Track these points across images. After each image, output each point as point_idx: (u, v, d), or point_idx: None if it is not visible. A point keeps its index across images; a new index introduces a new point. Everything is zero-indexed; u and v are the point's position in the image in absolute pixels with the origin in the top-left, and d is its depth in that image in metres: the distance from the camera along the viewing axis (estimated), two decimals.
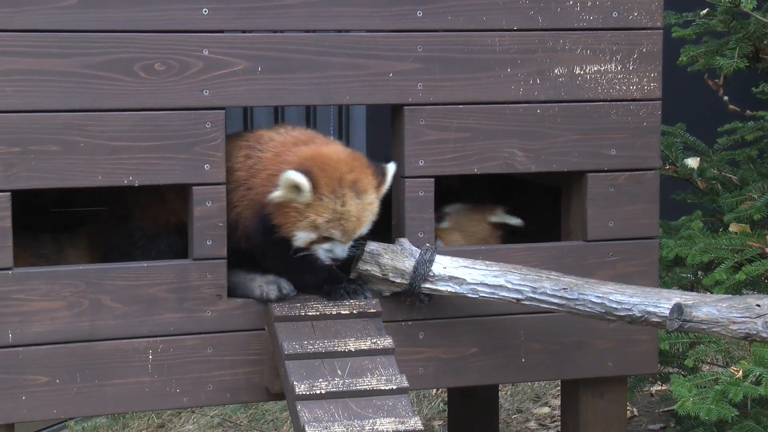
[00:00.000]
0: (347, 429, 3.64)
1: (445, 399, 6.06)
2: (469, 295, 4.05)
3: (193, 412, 6.58)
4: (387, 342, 3.92)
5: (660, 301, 3.84)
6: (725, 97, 5.31)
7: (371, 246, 4.05)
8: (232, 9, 3.92)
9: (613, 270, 4.30)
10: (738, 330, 3.70)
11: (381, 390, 3.78)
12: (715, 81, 5.32)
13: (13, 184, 3.79)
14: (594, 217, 4.30)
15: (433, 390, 6.52)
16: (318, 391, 3.73)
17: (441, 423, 6.14)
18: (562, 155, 4.25)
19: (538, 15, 4.18)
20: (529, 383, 6.52)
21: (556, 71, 4.21)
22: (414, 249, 4.09)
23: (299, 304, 3.99)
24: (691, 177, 5.38)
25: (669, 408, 5.71)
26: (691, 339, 4.62)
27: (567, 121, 4.24)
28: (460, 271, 4.05)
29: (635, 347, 4.37)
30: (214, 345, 4.00)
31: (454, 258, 4.09)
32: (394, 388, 3.79)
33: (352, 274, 4.08)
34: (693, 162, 5.41)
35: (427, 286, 4.07)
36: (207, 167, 3.94)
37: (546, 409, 6.32)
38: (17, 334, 3.83)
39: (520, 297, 4.01)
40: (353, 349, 3.88)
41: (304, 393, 3.72)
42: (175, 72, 3.89)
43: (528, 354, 4.27)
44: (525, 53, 4.18)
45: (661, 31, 4.32)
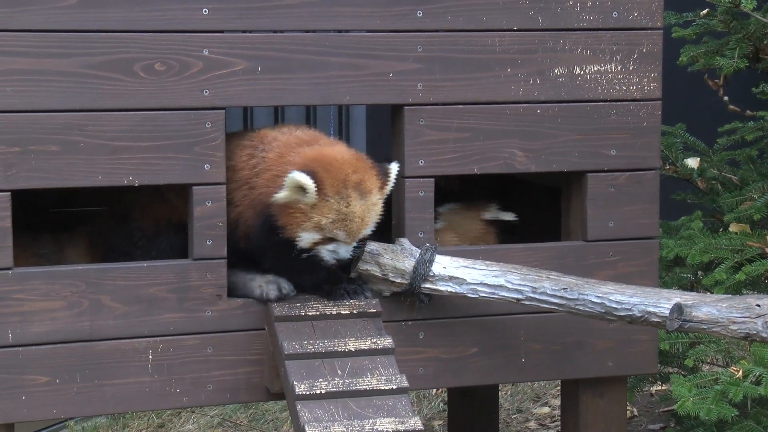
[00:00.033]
0: (347, 429, 3.64)
1: (445, 399, 6.05)
2: (469, 295, 4.05)
3: (193, 412, 6.58)
4: (387, 342, 3.92)
5: (660, 301, 3.84)
6: (725, 97, 5.31)
7: (371, 246, 4.05)
8: (232, 9, 3.92)
9: (613, 270, 4.30)
10: (738, 330, 3.70)
11: (381, 390, 3.78)
12: (715, 81, 5.31)
13: (13, 184, 3.79)
14: (594, 217, 4.30)
15: (433, 390, 6.51)
16: (318, 391, 3.73)
17: (441, 423, 6.14)
18: (562, 155, 4.25)
19: (538, 15, 4.18)
20: (529, 383, 6.52)
21: (556, 71, 4.21)
22: (414, 249, 4.09)
23: (299, 304, 3.99)
24: (691, 177, 5.38)
25: (669, 408, 5.71)
26: (691, 339, 4.62)
27: (567, 121, 4.24)
28: (460, 271, 4.05)
29: (635, 347, 4.37)
30: (214, 345, 4.00)
31: (454, 258, 4.09)
32: (394, 388, 3.79)
33: (352, 273, 4.08)
34: (693, 162, 5.40)
35: (427, 286, 4.07)
36: (207, 167, 3.94)
37: (546, 409, 6.32)
38: (17, 334, 3.83)
39: (520, 297, 4.01)
40: (353, 349, 3.88)
41: (304, 393, 3.72)
42: (175, 72, 3.89)
43: (528, 354, 4.27)
44: (525, 53, 4.18)
45: (661, 31, 4.32)
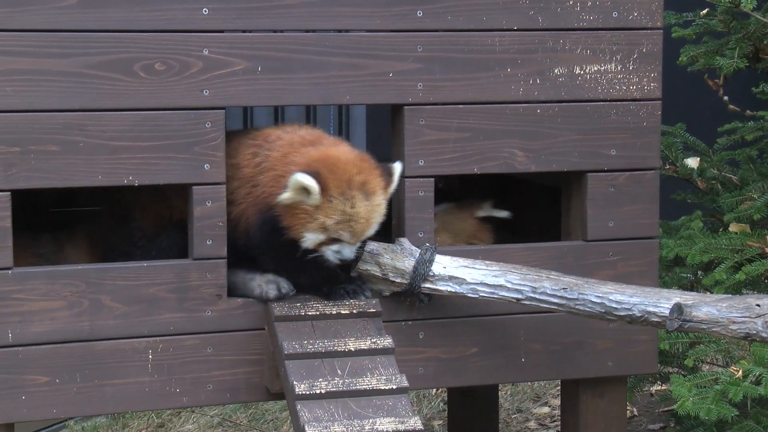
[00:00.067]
0: (347, 429, 3.64)
1: (445, 399, 6.05)
2: (469, 295, 4.05)
3: (193, 411, 6.58)
4: (387, 342, 3.92)
5: (660, 301, 3.84)
6: (725, 97, 5.31)
7: (371, 246, 4.05)
8: (232, 9, 3.92)
9: (613, 270, 4.30)
10: (738, 330, 3.69)
11: (381, 390, 3.78)
12: (715, 81, 5.31)
13: (13, 184, 3.79)
14: (594, 217, 4.30)
15: (433, 390, 6.51)
16: (318, 391, 3.73)
17: (441, 423, 6.14)
18: (562, 155, 4.25)
19: (538, 15, 4.18)
20: (529, 383, 6.52)
21: (556, 71, 4.21)
22: (414, 249, 4.09)
23: (299, 303, 3.99)
24: (691, 177, 5.38)
25: (669, 408, 5.71)
26: (691, 339, 4.62)
27: (567, 121, 4.24)
28: (460, 271, 4.05)
29: (635, 347, 4.37)
30: (214, 345, 4.00)
31: (454, 258, 4.09)
32: (394, 387, 3.79)
33: (352, 273, 4.08)
34: (693, 162, 5.40)
35: (427, 285, 4.07)
36: (207, 167, 3.94)
37: (546, 409, 6.32)
38: (17, 334, 3.83)
39: (520, 297, 4.00)
40: (353, 349, 3.88)
41: (304, 393, 3.72)
42: (175, 72, 3.89)
43: (528, 354, 4.27)
44: (525, 53, 4.18)
45: (661, 31, 4.32)
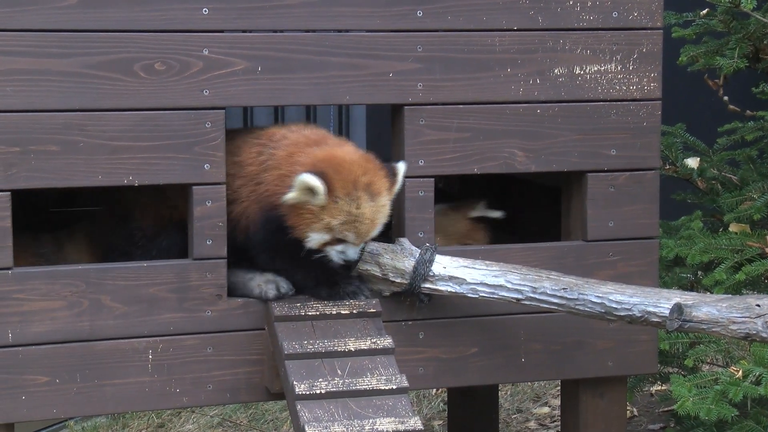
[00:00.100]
0: (347, 429, 3.64)
1: (445, 399, 6.05)
2: (469, 295, 4.05)
3: (193, 411, 6.58)
4: (387, 342, 3.92)
5: (660, 301, 3.84)
6: (725, 97, 5.31)
7: (371, 246, 4.05)
8: (232, 9, 3.92)
9: (613, 270, 4.30)
10: (738, 330, 3.69)
11: (381, 390, 3.78)
12: (715, 81, 5.31)
13: (13, 184, 3.79)
14: (594, 217, 4.30)
15: (433, 390, 6.51)
16: (318, 391, 3.73)
17: (441, 423, 6.14)
18: (562, 155, 4.25)
19: (538, 15, 4.18)
20: (529, 383, 6.52)
21: (556, 71, 4.21)
22: (414, 249, 4.09)
23: (299, 304, 3.99)
24: (691, 177, 5.38)
25: (669, 408, 5.71)
26: (691, 339, 4.62)
27: (567, 121, 4.24)
28: (460, 271, 4.05)
29: (635, 347, 4.36)
30: (214, 345, 3.99)
31: (454, 258, 4.09)
32: (394, 387, 3.79)
33: (352, 273, 4.08)
34: (693, 162, 5.40)
35: (427, 285, 4.07)
36: (207, 167, 3.94)
37: (546, 409, 6.32)
38: (17, 334, 3.83)
39: (520, 297, 4.00)
40: (353, 349, 3.88)
41: (304, 393, 3.72)
42: (175, 72, 3.89)
43: (528, 354, 4.27)
44: (525, 53, 4.18)
45: (661, 31, 4.32)
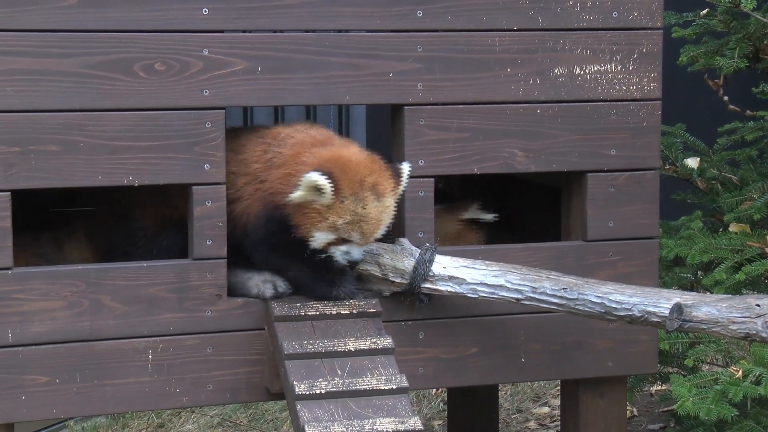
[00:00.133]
0: (347, 429, 3.64)
1: (445, 399, 6.05)
2: (469, 295, 4.05)
3: (193, 411, 6.58)
4: (387, 342, 3.92)
5: (660, 301, 3.84)
6: (725, 97, 5.31)
7: (371, 246, 4.05)
8: (232, 9, 3.92)
9: (613, 270, 4.30)
10: (738, 330, 3.69)
11: (381, 390, 3.78)
12: (715, 81, 5.31)
13: (13, 184, 3.79)
14: (594, 217, 4.30)
15: (433, 390, 6.51)
16: (318, 391, 3.73)
17: (441, 423, 6.14)
18: (562, 155, 4.25)
19: (538, 15, 4.18)
20: (529, 383, 6.52)
21: (556, 71, 4.21)
22: (414, 249, 4.09)
23: (299, 304, 3.99)
24: (691, 177, 5.38)
25: (669, 408, 5.71)
26: (691, 339, 4.62)
27: (567, 121, 4.24)
28: (459, 271, 4.05)
29: (635, 347, 4.37)
30: (214, 345, 4.00)
31: (454, 258, 4.09)
32: (393, 387, 3.79)
33: (352, 273, 4.08)
34: (693, 162, 5.40)
35: (427, 285, 4.07)
36: (207, 167, 3.94)
37: (546, 409, 6.32)
38: (17, 334, 3.83)
39: (519, 297, 4.00)
40: (353, 349, 3.88)
41: (303, 393, 3.72)
42: (175, 72, 3.89)
43: (528, 354, 4.27)
44: (525, 53, 4.18)
45: (661, 31, 4.32)
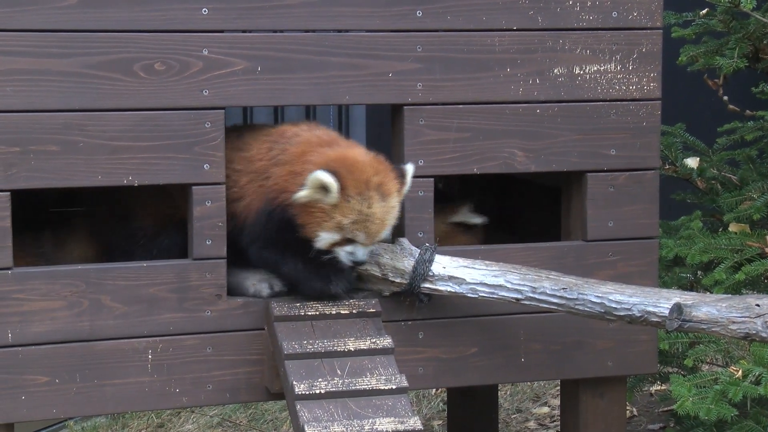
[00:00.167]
0: (347, 429, 3.64)
1: (445, 399, 6.05)
2: (469, 295, 4.05)
3: (193, 411, 6.58)
4: (386, 342, 3.92)
5: (660, 301, 3.84)
6: (725, 97, 5.31)
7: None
8: (232, 9, 3.92)
9: (613, 270, 4.30)
10: (738, 330, 3.69)
11: (380, 390, 3.78)
12: (715, 81, 5.31)
13: (13, 184, 3.79)
14: (594, 217, 4.30)
15: (433, 390, 6.51)
16: (317, 391, 3.73)
17: (441, 423, 6.14)
18: (562, 155, 4.25)
19: (537, 15, 4.18)
20: (529, 383, 6.52)
21: (555, 71, 4.21)
22: (413, 249, 4.09)
23: (299, 304, 3.99)
24: (691, 177, 5.38)
25: (669, 408, 5.71)
26: (691, 339, 4.62)
27: (567, 121, 4.24)
28: (459, 271, 4.05)
29: (635, 347, 4.37)
30: (214, 345, 4.00)
31: (453, 258, 4.09)
32: (393, 387, 3.79)
33: (352, 272, 4.08)
34: (693, 162, 5.40)
35: (427, 285, 4.07)
36: (207, 167, 3.94)
37: (546, 409, 6.32)
38: (17, 334, 3.83)
39: (519, 297, 4.01)
40: (353, 349, 3.88)
41: (303, 393, 3.72)
42: (175, 72, 3.89)
43: (528, 354, 4.27)
44: (525, 53, 4.18)
45: (661, 31, 4.32)
